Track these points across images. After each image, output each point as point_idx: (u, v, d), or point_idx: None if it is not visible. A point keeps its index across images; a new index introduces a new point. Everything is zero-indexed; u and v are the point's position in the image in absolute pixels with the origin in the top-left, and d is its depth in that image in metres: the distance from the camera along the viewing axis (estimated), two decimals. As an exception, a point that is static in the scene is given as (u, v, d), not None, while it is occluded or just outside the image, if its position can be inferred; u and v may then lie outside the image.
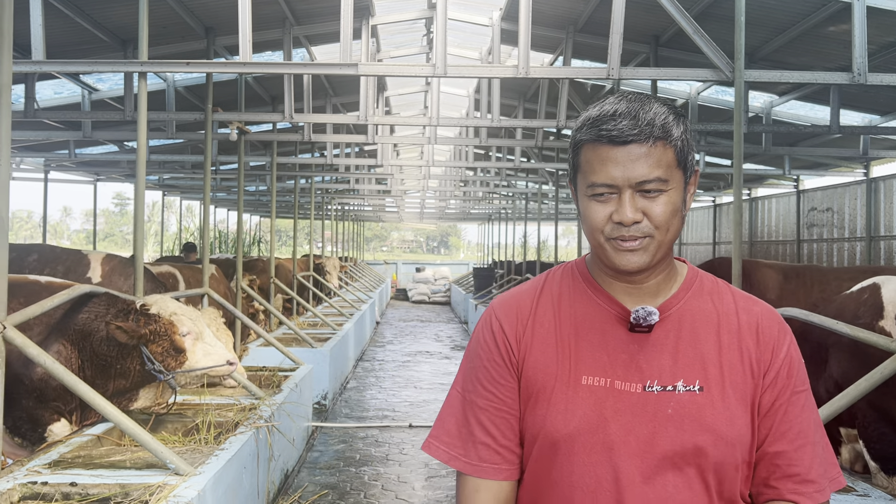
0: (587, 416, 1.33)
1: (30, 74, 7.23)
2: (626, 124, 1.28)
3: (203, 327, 4.47)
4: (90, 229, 66.37)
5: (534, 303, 1.45)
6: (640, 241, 1.30)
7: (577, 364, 1.36)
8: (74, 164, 13.98)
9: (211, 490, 3.66)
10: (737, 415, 1.32)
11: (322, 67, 5.76)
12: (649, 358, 1.34)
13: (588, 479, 1.33)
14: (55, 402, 4.25)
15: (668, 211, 1.30)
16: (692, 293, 1.40)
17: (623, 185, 1.28)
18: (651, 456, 1.30)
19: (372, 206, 26.14)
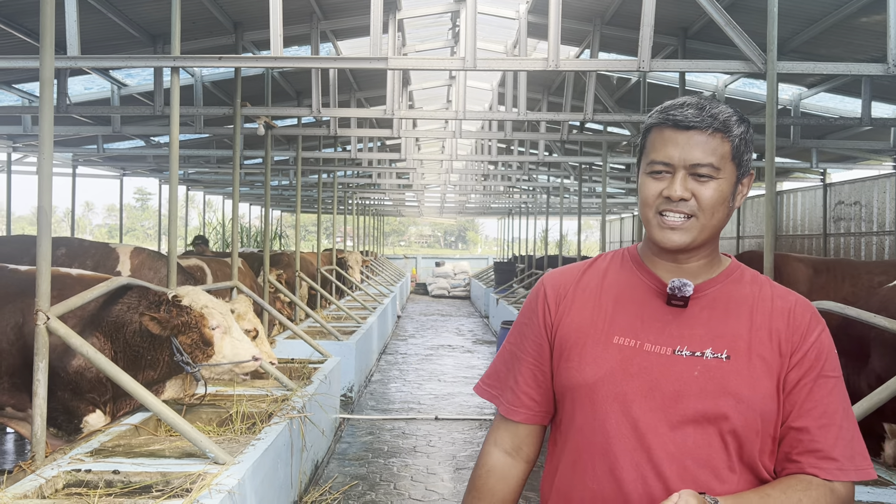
0: (612, 370, 1.46)
1: (62, 70, 7.32)
2: (692, 112, 1.44)
3: (232, 322, 4.51)
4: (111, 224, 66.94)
5: (581, 274, 1.62)
6: (684, 221, 1.44)
7: (611, 325, 1.51)
8: (101, 159, 14.15)
9: (249, 479, 3.71)
10: (762, 382, 1.41)
11: (352, 62, 5.80)
12: (682, 327, 1.46)
13: (607, 426, 1.45)
14: (90, 393, 4.31)
15: (715, 196, 1.44)
16: (731, 280, 1.52)
17: (678, 165, 1.43)
18: (674, 412, 1.41)
19: (392, 201, 26.20)
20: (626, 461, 1.43)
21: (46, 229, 3.74)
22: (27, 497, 3.19)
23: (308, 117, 11.34)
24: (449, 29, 9.32)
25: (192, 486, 3.40)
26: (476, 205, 27.50)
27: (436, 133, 11.59)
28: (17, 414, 4.27)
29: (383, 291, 16.94)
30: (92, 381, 4.29)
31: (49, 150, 3.74)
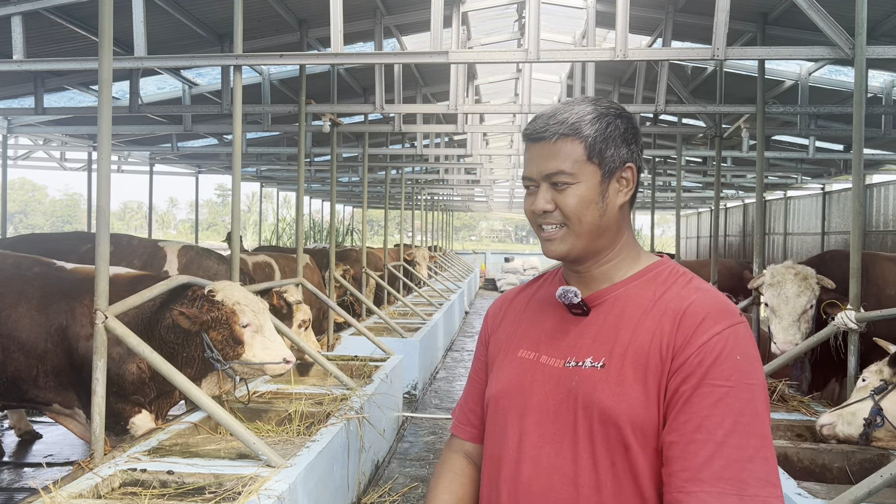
0: (511, 383, 1.46)
1: (134, 71, 7.50)
2: (539, 123, 1.42)
3: (265, 320, 4.42)
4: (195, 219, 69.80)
5: (518, 292, 1.65)
6: (557, 230, 1.41)
7: (520, 339, 1.51)
8: (177, 157, 14.57)
9: (302, 483, 3.65)
10: (631, 391, 1.31)
11: (412, 56, 5.69)
12: (577, 337, 1.42)
13: (501, 440, 1.44)
14: (134, 395, 4.33)
15: (574, 202, 1.39)
16: (639, 282, 1.44)
17: (537, 178, 1.42)
18: (553, 425, 1.37)
19: (461, 196, 26.12)
20: (505, 476, 1.42)
21: (105, 229, 3.77)
22: (82, 496, 3.21)
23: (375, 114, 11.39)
24: (515, 21, 9.11)
25: (242, 489, 3.37)
26: (546, 199, 27.07)
27: (502, 127, 11.40)
28: (63, 410, 4.34)
29: (450, 287, 16.86)
30: (134, 382, 4.31)
31: (107, 149, 3.77)
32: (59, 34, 6.85)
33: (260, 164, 14.88)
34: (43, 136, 12.66)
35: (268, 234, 27.59)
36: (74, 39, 7.04)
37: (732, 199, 23.86)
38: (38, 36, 6.68)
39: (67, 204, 73.97)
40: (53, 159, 15.20)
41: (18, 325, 4.25)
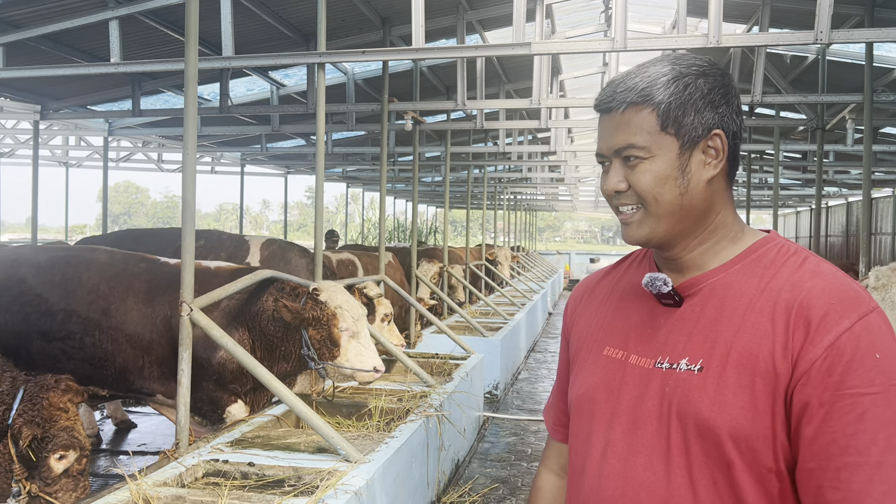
0: (596, 386, 1.31)
1: (224, 72, 7.71)
2: (607, 92, 1.25)
3: (362, 327, 4.45)
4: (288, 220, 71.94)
5: (600, 278, 1.48)
6: (634, 212, 1.25)
7: (605, 335, 1.35)
8: (266, 158, 14.97)
9: (380, 479, 3.61)
10: (731, 401, 1.12)
11: (494, 49, 5.59)
12: (670, 334, 1.25)
13: (585, 450, 1.31)
14: (232, 384, 4.42)
15: (647, 180, 1.22)
16: (741, 266, 1.23)
17: (609, 155, 1.26)
18: (642, 436, 1.22)
19: (545, 196, 25.80)
20: (587, 490, 1.28)
21: (190, 223, 3.84)
22: (167, 484, 3.27)
23: (457, 112, 11.34)
24: (601, 13, 8.87)
25: (320, 483, 3.35)
26: (633, 199, 26.40)
27: (589, 123, 11.14)
28: (166, 401, 4.46)
29: (533, 288, 16.64)
30: (234, 372, 4.39)
31: (192, 146, 3.83)
32: (153, 37, 7.11)
33: (346, 164, 15.12)
34: (142, 139, 13.26)
35: (354, 234, 28.06)
36: (167, 43, 7.30)
37: (834, 197, 22.60)
38: (134, 40, 6.95)
39: (167, 206, 77.75)
40: (151, 161, 15.93)
41: (127, 317, 4.43)
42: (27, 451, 3.15)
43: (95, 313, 4.39)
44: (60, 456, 3.19)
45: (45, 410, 3.19)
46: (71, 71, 6.11)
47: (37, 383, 3.32)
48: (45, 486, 3.19)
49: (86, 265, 4.58)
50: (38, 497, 3.18)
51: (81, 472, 3.31)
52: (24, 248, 4.90)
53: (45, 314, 4.41)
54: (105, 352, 4.38)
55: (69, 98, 8.89)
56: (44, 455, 3.19)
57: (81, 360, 4.37)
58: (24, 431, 3.10)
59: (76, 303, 4.42)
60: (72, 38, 6.92)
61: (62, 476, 3.21)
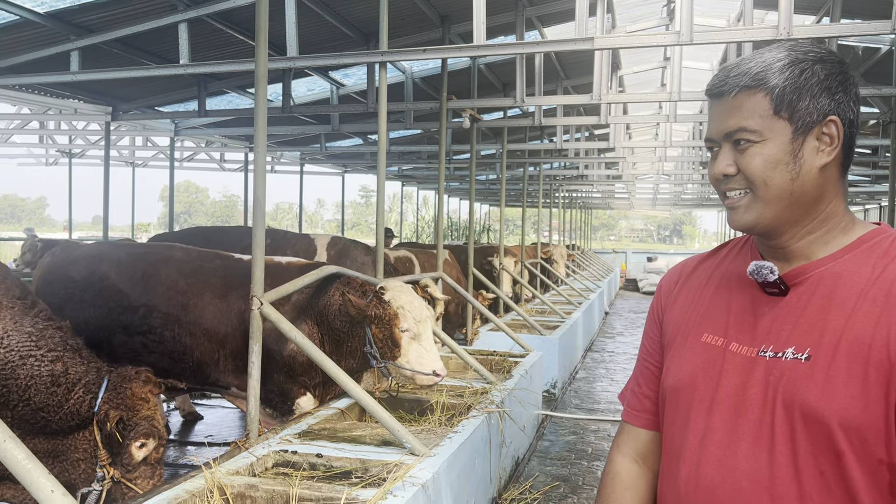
0: (694, 373, 1.30)
1: (286, 72, 7.85)
2: (719, 77, 1.26)
3: (425, 330, 4.46)
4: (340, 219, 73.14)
5: (698, 262, 1.46)
6: (741, 197, 1.24)
7: (704, 322, 1.34)
8: (325, 157, 15.19)
9: (445, 473, 3.63)
10: (841, 390, 1.11)
11: (555, 45, 5.55)
12: (774, 322, 1.23)
13: (682, 435, 1.29)
14: (302, 377, 4.50)
15: (757, 163, 1.21)
16: (854, 255, 1.21)
17: (718, 139, 1.26)
18: (744, 423, 1.20)
19: (601, 193, 25.50)
20: (684, 476, 1.27)
21: (260, 220, 3.93)
22: (239, 473, 3.36)
23: (514, 110, 11.30)
24: (663, 6, 8.72)
25: (387, 475, 3.39)
26: (694, 196, 25.91)
27: (648, 118, 10.97)
28: (240, 393, 4.58)
29: (589, 286, 16.48)
30: (303, 364, 4.48)
31: (263, 144, 3.92)
32: (218, 39, 7.29)
33: (401, 162, 15.23)
34: (205, 139, 13.62)
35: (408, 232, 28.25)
36: (232, 44, 7.47)
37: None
38: (200, 42, 7.14)
39: (226, 205, 79.69)
40: (214, 160, 16.35)
41: (204, 312, 4.58)
42: (114, 433, 3.27)
43: (175, 308, 4.55)
44: (141, 444, 3.31)
45: (128, 399, 3.32)
46: (142, 73, 6.31)
47: (119, 374, 3.45)
48: (125, 473, 3.31)
49: (164, 262, 4.74)
50: (119, 482, 3.30)
51: (158, 461, 3.43)
52: (105, 246, 5.09)
53: (126, 309, 4.59)
54: (184, 345, 4.53)
55: (138, 99, 9.19)
56: (126, 443, 3.31)
57: (161, 353, 4.52)
58: (111, 414, 3.23)
59: (156, 298, 4.58)
60: (142, 42, 7.14)
61: (141, 463, 3.32)
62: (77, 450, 3.42)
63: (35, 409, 3.34)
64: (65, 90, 8.46)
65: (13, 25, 6.40)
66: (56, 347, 3.44)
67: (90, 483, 3.36)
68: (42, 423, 3.38)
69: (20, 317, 3.41)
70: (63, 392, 3.37)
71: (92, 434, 3.40)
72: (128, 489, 3.34)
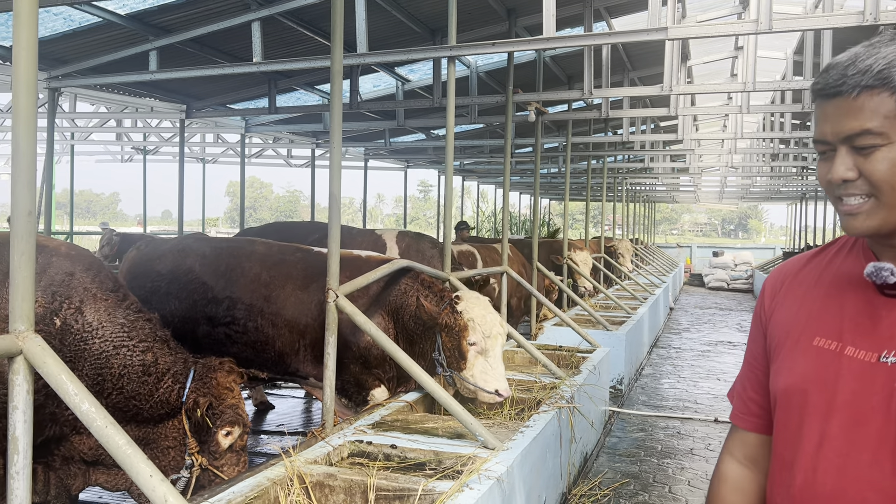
0: (808, 377, 1.26)
1: (354, 68, 7.95)
2: (834, 75, 1.18)
3: (493, 346, 4.42)
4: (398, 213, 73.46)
5: (804, 263, 1.42)
6: (863, 203, 1.18)
7: (815, 324, 1.29)
8: (388, 153, 15.33)
9: (518, 466, 3.64)
10: None
11: (627, 35, 5.47)
12: (894, 327, 1.18)
13: (795, 441, 1.26)
14: (376, 368, 4.57)
15: (885, 169, 1.15)
16: None
17: (835, 141, 1.19)
18: (866, 430, 1.17)
19: (665, 186, 25.00)
20: (800, 483, 1.24)
21: (336, 214, 4.00)
22: (317, 462, 3.43)
23: (578, 102, 11.16)
24: (736, -6, 8.48)
25: (462, 468, 3.41)
26: (762, 189, 25.16)
27: (718, 109, 10.70)
28: (318, 384, 4.68)
29: (654, 282, 16.19)
30: (378, 357, 4.55)
31: (338, 140, 3.99)
32: (289, 37, 7.43)
33: (463, 157, 15.24)
34: (273, 135, 13.92)
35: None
36: (302, 42, 7.61)
37: None
38: (271, 40, 7.29)
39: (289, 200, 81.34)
40: (281, 157, 16.68)
41: (286, 303, 4.70)
42: (203, 421, 3.39)
43: (258, 300, 4.68)
44: (227, 432, 3.42)
45: (213, 389, 3.43)
46: (216, 71, 6.49)
47: (204, 364, 3.57)
48: (212, 460, 3.43)
49: (247, 255, 4.88)
50: (206, 469, 3.42)
51: (243, 448, 3.53)
52: (189, 240, 5.26)
53: (211, 301, 4.74)
54: (266, 336, 4.66)
55: (211, 97, 9.46)
56: (212, 431, 3.42)
57: (244, 343, 4.66)
58: (201, 401, 3.35)
59: (240, 290, 4.72)
60: (215, 41, 7.34)
61: (227, 451, 3.43)
62: (167, 438, 3.56)
63: (128, 397, 3.48)
64: (142, 89, 8.77)
65: (96, 27, 6.67)
66: (147, 338, 3.57)
67: (179, 470, 3.49)
68: (134, 412, 3.51)
69: (113, 308, 3.55)
70: (153, 381, 3.51)
71: (180, 423, 3.53)
72: (214, 476, 3.45)
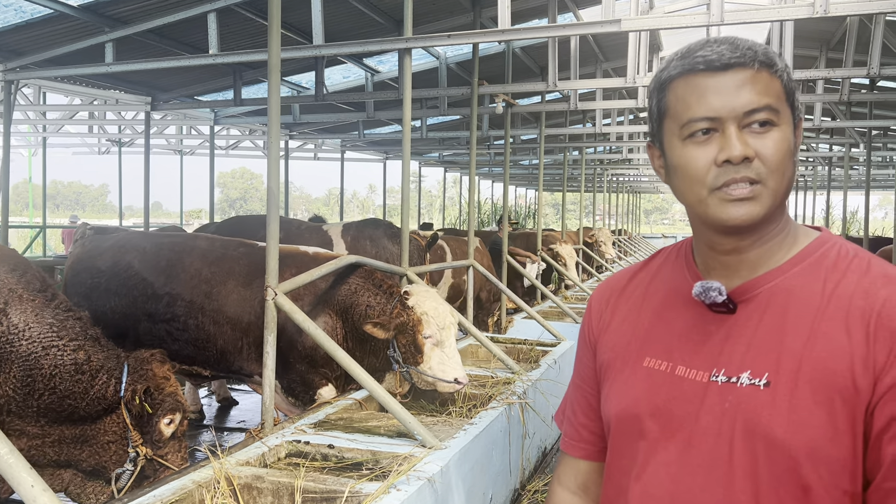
0: (639, 401, 1.19)
1: (319, 60, 7.86)
2: (726, 48, 1.08)
3: (448, 336, 4.41)
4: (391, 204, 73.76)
5: (629, 279, 1.34)
6: (752, 188, 1.07)
7: (645, 344, 1.23)
8: (365, 144, 15.24)
9: (455, 465, 3.60)
10: (807, 420, 1.02)
11: (582, 27, 5.41)
12: (725, 343, 1.13)
13: (628, 468, 1.20)
14: (323, 367, 4.52)
15: (782, 149, 1.07)
16: (802, 268, 1.12)
17: (727, 117, 1.07)
18: (698, 455, 1.11)
19: (648, 177, 25.00)
20: None
21: (274, 210, 3.93)
22: (249, 464, 3.38)
23: (553, 93, 11.09)
24: (704, -15, 8.41)
25: (395, 467, 3.37)
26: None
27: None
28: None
29: (635, 272, 16.16)
30: (324, 356, 4.49)
31: (276, 134, 3.91)
32: (251, 28, 7.33)
33: (442, 148, 15.17)
34: (248, 127, 13.80)
35: (453, 218, 28.21)
36: (263, 33, 7.50)
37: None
38: (233, 31, 7.19)
39: (280, 191, 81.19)
40: (258, 148, 16.56)
41: (227, 300, 4.63)
42: (144, 410, 3.43)
43: (198, 297, 4.61)
44: (169, 420, 3.48)
45: (151, 380, 3.48)
46: (173, 63, 6.40)
47: (136, 357, 3.62)
48: (156, 450, 3.48)
49: (188, 251, 4.80)
50: (152, 460, 3.46)
51: (184, 434, 3.60)
52: (131, 235, 5.19)
53: (151, 297, 4.67)
54: (207, 333, 4.59)
55: (177, 89, 9.35)
56: (154, 420, 3.46)
57: (185, 341, 4.60)
58: (138, 388, 3.40)
59: (180, 287, 4.65)
60: (175, 32, 7.24)
61: (170, 439, 3.49)
62: (106, 433, 3.57)
63: (62, 396, 3.46)
64: (105, 81, 8.66)
65: (49, 19, 6.56)
66: (77, 337, 3.55)
67: (122, 464, 3.52)
68: (69, 411, 3.50)
69: (41, 309, 3.51)
70: (88, 379, 3.51)
71: (119, 417, 3.55)
72: (160, 465, 3.50)
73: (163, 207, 71.09)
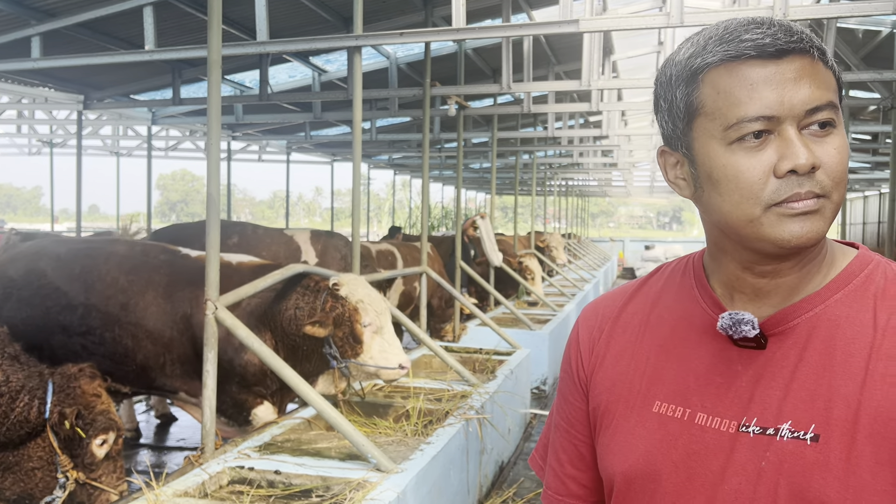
0: (652, 456, 0.97)
1: (263, 58, 7.53)
2: (779, 30, 0.85)
3: (386, 322, 4.20)
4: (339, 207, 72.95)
5: (623, 303, 1.11)
6: (816, 202, 0.86)
7: (653, 385, 1.01)
8: (312, 146, 14.87)
9: (413, 490, 3.37)
10: (870, 484, 0.83)
11: (539, 27, 5.25)
12: (756, 386, 0.92)
13: None
14: (256, 386, 4.23)
15: (845, 158, 0.87)
16: (846, 294, 0.92)
17: (786, 116, 0.85)
18: None
19: (597, 181, 25.21)
20: None
21: (215, 217, 3.64)
22: (188, 494, 3.09)
23: (506, 96, 10.97)
24: (656, -13, 8.39)
25: (349, 494, 3.13)
26: (690, 183, 25.58)
27: (643, 106, 10.66)
28: (190, 399, 4.32)
29: (584, 276, 16.21)
30: (256, 374, 4.21)
31: (216, 135, 3.63)
32: (192, 24, 6.97)
33: (392, 151, 14.92)
34: (188, 128, 13.29)
35: (401, 222, 27.95)
36: (204, 29, 7.14)
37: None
38: (172, 27, 6.82)
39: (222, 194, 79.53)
40: (199, 149, 16.02)
41: (146, 312, 4.26)
42: (75, 432, 3.14)
43: (114, 308, 4.24)
44: (102, 440, 3.21)
45: (80, 398, 3.20)
46: (106, 59, 6.01)
47: (62, 374, 3.34)
48: (89, 473, 3.21)
49: (105, 257, 4.42)
50: (84, 484, 3.19)
51: (119, 453, 3.33)
52: (46, 241, 4.80)
53: (65, 308, 4.28)
54: (125, 348, 4.23)
55: (111, 87, 8.87)
56: (85, 442, 3.19)
57: (102, 355, 4.22)
58: (67, 412, 3.11)
59: (95, 297, 4.27)
60: (109, 27, 6.82)
61: (104, 460, 3.22)
62: (31, 459, 3.27)
63: None
64: (33, 78, 8.14)
65: (-32, 10, 6.09)
66: None
67: (50, 491, 3.23)
68: None
69: (-50, 329, 3.19)
70: (7, 402, 3.21)
71: (45, 441, 3.26)
72: (93, 489, 3.22)
73: (100, 210, 68.81)
